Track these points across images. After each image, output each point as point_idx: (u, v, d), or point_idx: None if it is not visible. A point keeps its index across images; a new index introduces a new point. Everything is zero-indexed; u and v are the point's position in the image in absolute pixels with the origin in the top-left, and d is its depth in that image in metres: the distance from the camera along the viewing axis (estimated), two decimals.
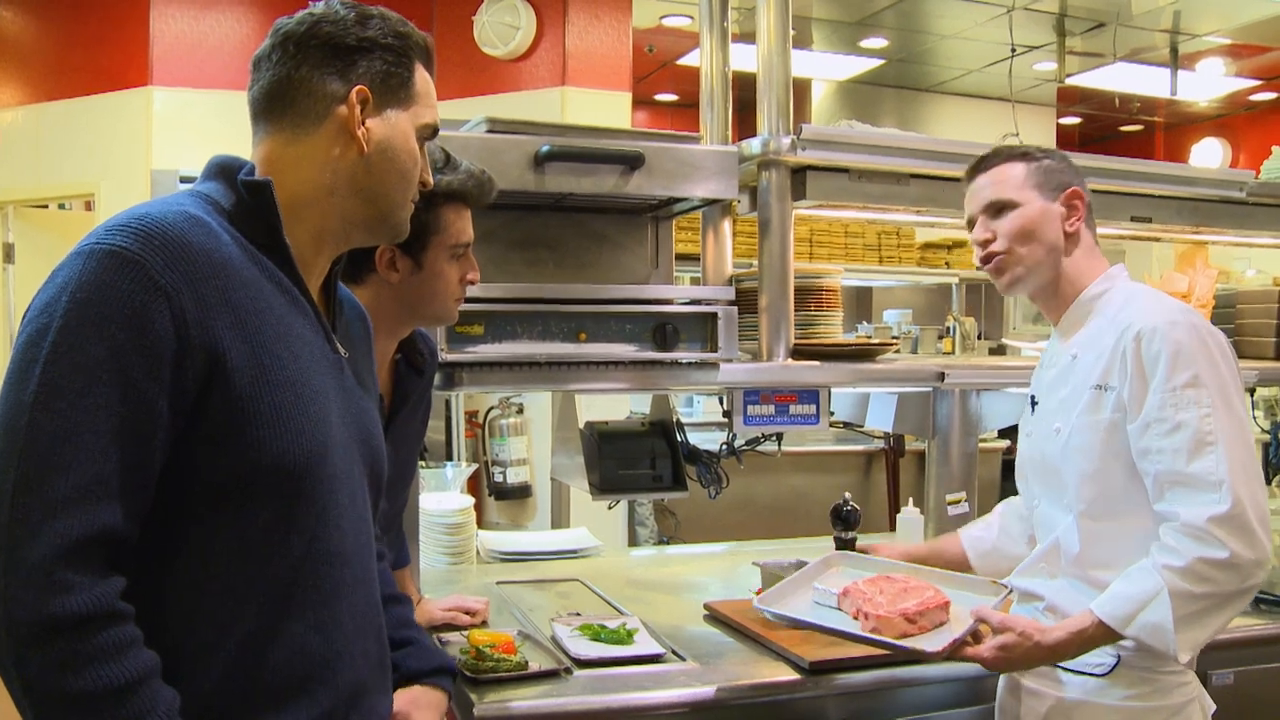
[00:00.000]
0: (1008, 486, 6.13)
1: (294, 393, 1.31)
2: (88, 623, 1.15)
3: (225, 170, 1.39)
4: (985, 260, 2.06)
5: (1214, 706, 1.96)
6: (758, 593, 2.20)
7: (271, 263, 1.36)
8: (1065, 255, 2.03)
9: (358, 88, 1.38)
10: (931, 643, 1.88)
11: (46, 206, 6.85)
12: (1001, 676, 2.08)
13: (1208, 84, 8.85)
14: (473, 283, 2.03)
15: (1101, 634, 1.81)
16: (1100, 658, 1.88)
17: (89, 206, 6.45)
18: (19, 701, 1.16)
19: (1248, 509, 1.76)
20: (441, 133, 2.09)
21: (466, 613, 2.37)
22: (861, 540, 2.52)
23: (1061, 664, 1.91)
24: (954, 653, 1.86)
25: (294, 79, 1.39)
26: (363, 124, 1.39)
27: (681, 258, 2.76)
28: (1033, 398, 2.16)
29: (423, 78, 1.46)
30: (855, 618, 1.98)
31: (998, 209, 2.04)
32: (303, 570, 1.34)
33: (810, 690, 2.11)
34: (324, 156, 1.39)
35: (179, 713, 1.21)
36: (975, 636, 1.89)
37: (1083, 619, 1.83)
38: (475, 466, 4.69)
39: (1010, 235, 2.02)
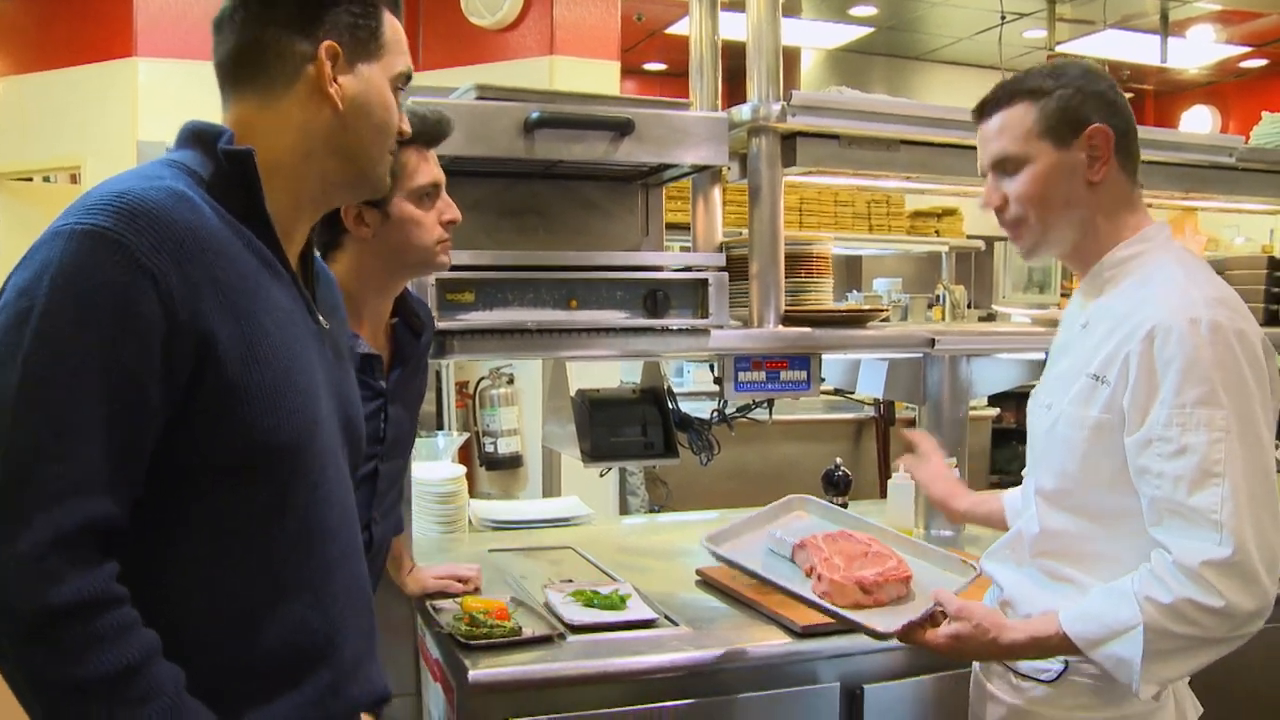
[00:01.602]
0: (998, 454, 6.17)
1: (283, 369, 1.29)
2: (85, 609, 1.13)
3: (202, 137, 1.34)
4: (1004, 226, 1.81)
5: (1200, 709, 1.80)
6: (700, 571, 2.15)
7: (252, 233, 1.32)
8: (1092, 209, 1.74)
9: (326, 44, 1.33)
10: (885, 621, 1.76)
11: (31, 180, 6.80)
12: (971, 675, 1.97)
13: (1198, 51, 8.85)
14: (453, 222, 2.01)
15: (1064, 646, 1.65)
16: (1047, 663, 1.75)
17: (75, 179, 6.42)
18: (25, 696, 1.14)
19: (1253, 554, 1.53)
20: (430, 100, 2.09)
21: (459, 580, 2.38)
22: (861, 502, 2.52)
23: (1014, 666, 1.80)
24: (906, 635, 1.75)
25: (261, 40, 1.34)
26: (335, 81, 1.34)
27: (671, 227, 2.76)
28: (1047, 354, 1.95)
29: (392, 25, 1.41)
30: (807, 574, 1.88)
31: (1005, 167, 1.76)
32: (298, 547, 1.33)
33: (802, 654, 2.13)
34: (298, 119, 1.35)
35: (185, 690, 1.20)
36: (933, 619, 1.76)
37: (1046, 625, 1.66)
38: (466, 436, 4.69)
39: (1021, 199, 1.75)
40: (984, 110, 1.81)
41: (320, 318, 1.44)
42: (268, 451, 1.27)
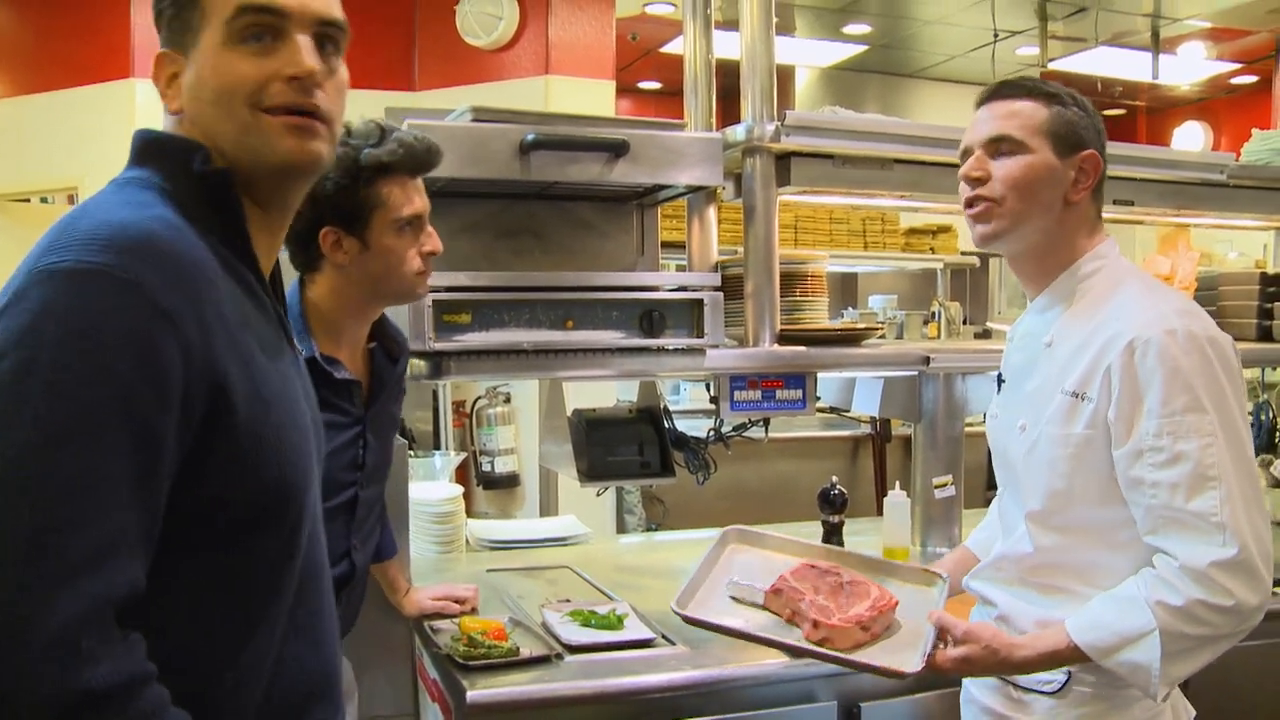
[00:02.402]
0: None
1: (283, 409, 1.22)
2: (123, 691, 1.03)
3: (168, 152, 1.23)
4: (970, 202, 1.81)
5: (1193, 712, 1.82)
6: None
7: (232, 255, 1.23)
8: (1059, 224, 1.79)
9: (155, 57, 1.25)
10: (898, 659, 1.73)
11: (29, 201, 6.81)
12: (961, 691, 1.97)
13: (1189, 68, 8.89)
14: (433, 254, 2.00)
15: (1075, 657, 1.67)
16: (1050, 674, 1.75)
17: (71, 200, 6.42)
18: None
19: (1254, 552, 1.59)
20: (426, 122, 2.10)
21: (456, 600, 2.38)
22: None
23: (1011, 679, 1.79)
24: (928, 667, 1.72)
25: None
26: (173, 82, 1.24)
27: (667, 245, 2.77)
28: (1000, 376, 1.97)
29: None
30: (790, 620, 1.82)
31: (1000, 147, 1.78)
32: (303, 588, 1.28)
33: (799, 672, 2.13)
34: (176, 129, 1.26)
35: None
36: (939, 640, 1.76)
37: (1056, 639, 1.67)
38: (463, 456, 4.69)
39: (1006, 181, 1.76)
40: (996, 93, 1.83)
41: (294, 342, 1.37)
42: (280, 495, 1.20)
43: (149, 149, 1.24)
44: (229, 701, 1.19)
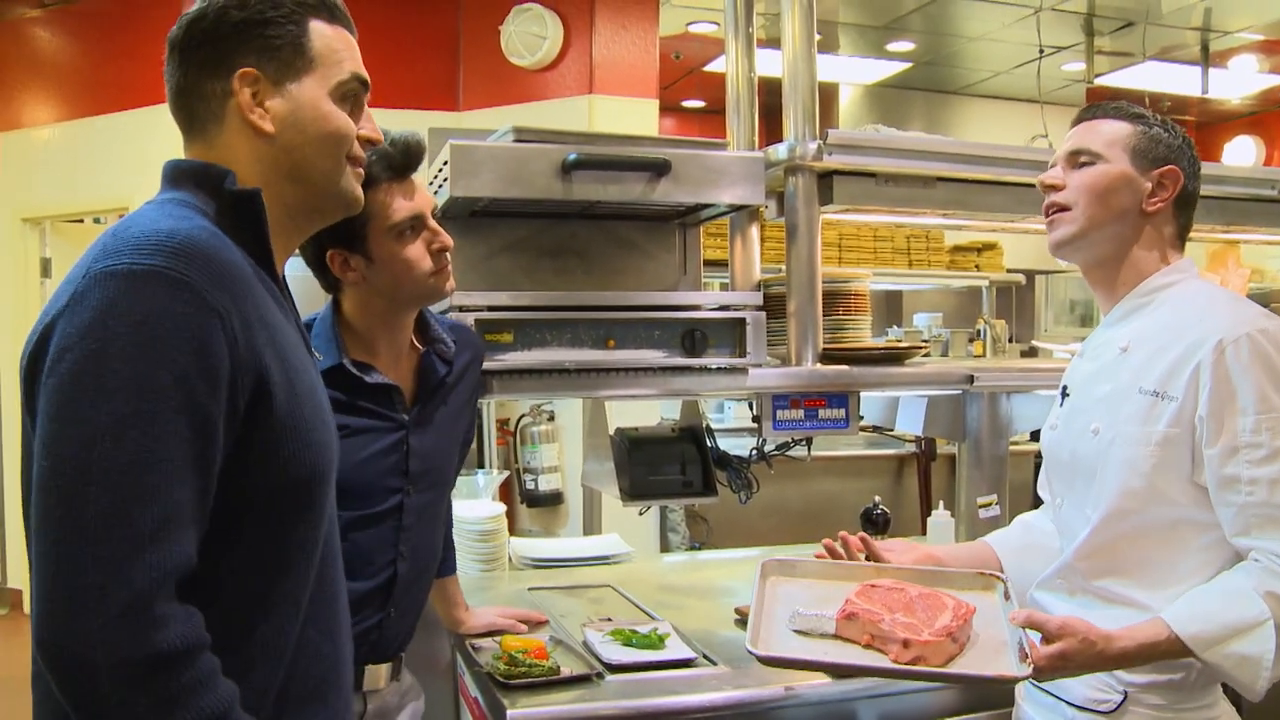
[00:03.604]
0: None
1: (311, 403, 1.32)
2: (187, 654, 1.12)
3: (202, 177, 1.33)
4: (1046, 211, 1.87)
5: None
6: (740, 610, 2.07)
7: (257, 264, 1.33)
8: (1133, 233, 1.82)
9: (239, 73, 1.32)
10: (1003, 665, 1.65)
11: (82, 221, 6.94)
12: (1014, 710, 1.94)
13: (1240, 81, 8.78)
14: (444, 250, 1.98)
15: (1174, 650, 1.62)
16: (1105, 694, 1.72)
17: None
18: None
19: None
20: (469, 142, 2.12)
21: (524, 621, 2.39)
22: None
23: (1066, 698, 1.77)
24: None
25: (185, 86, 1.35)
26: (259, 108, 1.33)
27: (710, 263, 2.77)
28: (1064, 388, 1.96)
29: (324, 34, 1.37)
30: (869, 645, 1.73)
31: (1079, 159, 1.84)
32: (319, 575, 1.36)
33: (842, 693, 2.11)
34: (242, 153, 1.34)
35: None
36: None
37: (1155, 630, 1.62)
38: (507, 474, 4.71)
39: (1079, 189, 1.82)
40: (1084, 115, 1.89)
41: (313, 350, 1.47)
42: (306, 483, 1.30)
43: (183, 175, 1.34)
44: (256, 679, 1.27)
